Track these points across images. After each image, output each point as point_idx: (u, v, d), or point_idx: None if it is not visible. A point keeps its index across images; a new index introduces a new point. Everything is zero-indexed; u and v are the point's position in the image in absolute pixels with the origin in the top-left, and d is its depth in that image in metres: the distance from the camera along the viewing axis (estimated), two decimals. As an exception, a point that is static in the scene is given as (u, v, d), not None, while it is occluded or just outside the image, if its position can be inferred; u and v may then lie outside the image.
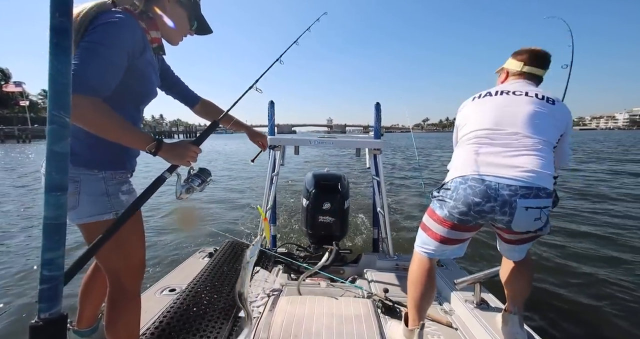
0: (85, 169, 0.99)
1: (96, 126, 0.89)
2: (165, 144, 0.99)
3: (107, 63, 0.89)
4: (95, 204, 1.01)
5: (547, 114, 1.26)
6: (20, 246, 4.03)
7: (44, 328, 0.67)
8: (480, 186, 1.14)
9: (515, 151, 1.17)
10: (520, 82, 1.41)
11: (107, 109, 0.89)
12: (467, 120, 1.40)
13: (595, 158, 15.03)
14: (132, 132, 0.94)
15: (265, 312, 1.77)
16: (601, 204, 6.20)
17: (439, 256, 1.41)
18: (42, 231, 0.64)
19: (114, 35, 0.90)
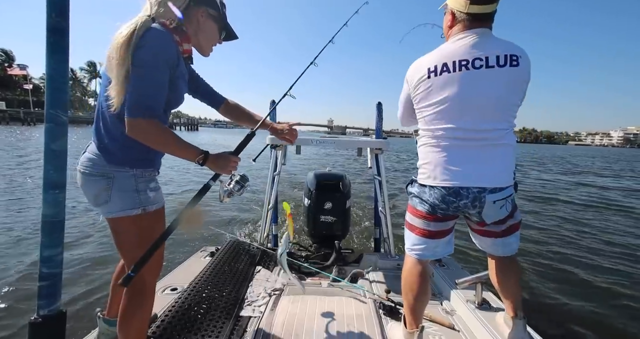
0: (118, 166, 1.05)
1: (158, 143, 1.01)
2: (211, 156, 1.09)
3: (157, 85, 0.99)
4: (125, 200, 1.06)
5: (512, 86, 1.19)
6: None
7: (43, 324, 0.68)
8: (454, 189, 1.25)
9: (484, 152, 1.22)
10: (472, 37, 1.21)
11: (165, 127, 1.01)
12: (427, 103, 1.28)
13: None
14: (185, 147, 1.05)
15: (267, 311, 1.77)
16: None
17: (430, 255, 1.39)
18: (41, 229, 0.65)
19: (159, 55, 0.99)
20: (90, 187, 1.05)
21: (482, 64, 1.17)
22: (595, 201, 8.00)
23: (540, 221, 5.79)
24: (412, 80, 1.31)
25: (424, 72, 1.25)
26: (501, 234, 1.34)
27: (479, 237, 1.41)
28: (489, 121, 1.21)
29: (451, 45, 1.25)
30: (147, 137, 0.98)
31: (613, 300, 2.94)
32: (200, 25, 1.16)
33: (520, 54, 1.18)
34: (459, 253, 3.67)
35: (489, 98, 1.19)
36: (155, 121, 0.98)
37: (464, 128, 1.21)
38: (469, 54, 1.19)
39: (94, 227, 4.61)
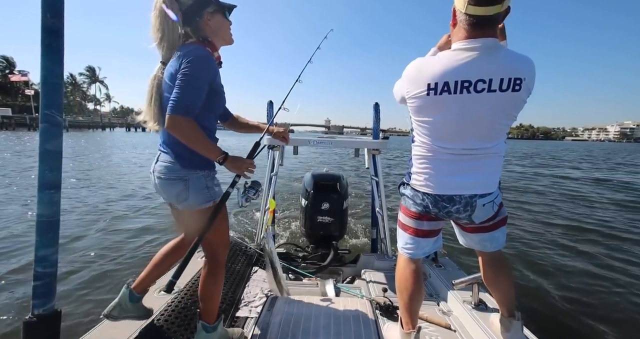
0: (191, 170, 1.26)
1: (188, 139, 1.17)
2: (230, 157, 1.26)
3: (197, 92, 1.16)
4: (199, 196, 1.27)
5: (511, 109, 1.17)
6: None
7: (38, 324, 0.68)
8: (447, 196, 1.29)
9: (477, 163, 1.25)
10: (476, 51, 1.14)
11: (196, 126, 1.17)
12: (422, 118, 1.27)
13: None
14: (210, 146, 1.22)
15: (264, 312, 1.77)
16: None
17: (421, 254, 1.43)
18: (36, 229, 0.65)
19: (200, 68, 1.16)
20: (170, 189, 1.26)
21: (484, 87, 1.13)
22: (553, 190, 9.13)
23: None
24: (410, 89, 1.26)
25: (423, 87, 1.20)
26: (489, 229, 1.36)
27: (468, 234, 1.43)
28: (483, 141, 1.21)
29: (455, 57, 1.17)
30: (181, 133, 1.15)
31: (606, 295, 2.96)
32: (213, 27, 1.29)
33: (525, 75, 1.12)
34: (456, 254, 3.68)
35: (484, 120, 1.18)
36: (189, 118, 1.14)
37: (459, 148, 1.23)
38: (472, 74, 1.13)
39: (92, 226, 4.61)
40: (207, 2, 1.27)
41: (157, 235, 4.42)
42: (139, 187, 7.84)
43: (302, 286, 2.13)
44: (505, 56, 1.14)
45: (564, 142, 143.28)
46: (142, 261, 3.44)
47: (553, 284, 3.25)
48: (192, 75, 1.14)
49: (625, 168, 17.01)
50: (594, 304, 2.88)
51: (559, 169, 15.84)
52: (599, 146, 77.92)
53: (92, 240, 4.15)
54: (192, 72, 1.14)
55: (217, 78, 1.26)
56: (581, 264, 3.76)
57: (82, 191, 7.15)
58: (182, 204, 1.29)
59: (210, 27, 1.29)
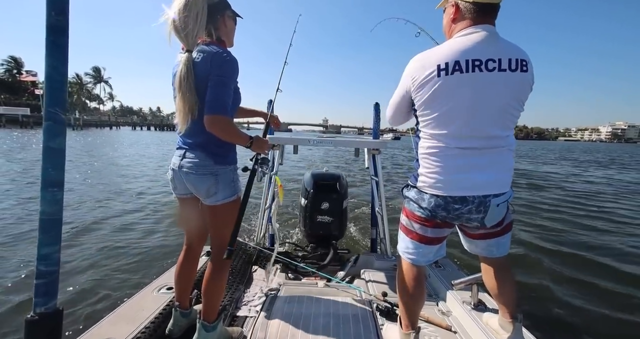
0: (223, 165, 1.37)
1: (229, 134, 1.30)
2: (254, 139, 1.40)
3: (230, 93, 1.30)
4: (227, 190, 1.38)
5: (520, 92, 1.16)
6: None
7: (40, 322, 0.68)
8: (459, 197, 1.21)
9: (490, 159, 1.19)
10: (481, 33, 1.14)
11: (233, 122, 1.32)
12: (433, 106, 1.19)
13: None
14: (243, 136, 1.35)
15: (263, 311, 1.77)
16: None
17: (423, 261, 1.36)
18: (39, 227, 0.65)
19: (233, 71, 1.30)
20: (201, 184, 1.34)
21: (495, 66, 1.11)
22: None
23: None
24: (417, 77, 1.18)
25: (433, 69, 1.13)
26: (496, 235, 1.33)
27: (474, 241, 1.39)
28: (495, 127, 1.17)
29: (461, 41, 1.15)
30: (224, 131, 1.28)
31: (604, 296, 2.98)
32: (227, 28, 1.42)
33: (528, 59, 1.15)
34: (456, 254, 3.68)
35: (498, 103, 1.15)
36: (230, 118, 1.30)
37: (471, 134, 1.17)
38: (482, 53, 1.11)
39: (94, 227, 4.60)
40: (228, 5, 1.41)
41: (158, 234, 4.41)
42: (146, 185, 7.85)
43: (301, 286, 2.13)
44: (507, 41, 1.17)
45: (553, 143, 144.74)
46: (144, 261, 3.43)
47: (553, 284, 3.26)
48: (228, 77, 1.27)
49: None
50: (594, 304, 2.89)
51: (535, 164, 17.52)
52: (584, 146, 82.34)
53: (92, 238, 4.14)
54: (228, 75, 1.27)
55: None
56: (581, 264, 3.77)
57: (82, 187, 7.13)
58: (210, 198, 1.37)
59: (226, 27, 1.42)
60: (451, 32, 1.24)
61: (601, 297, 3.03)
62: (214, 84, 1.24)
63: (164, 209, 5.61)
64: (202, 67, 1.26)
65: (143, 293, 1.80)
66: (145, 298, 1.74)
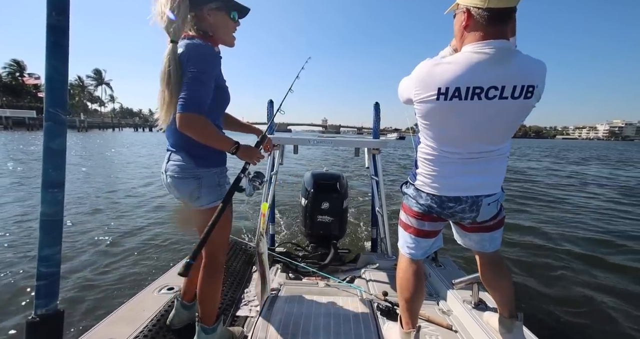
0: (205, 168, 1.28)
1: (203, 135, 1.19)
2: (241, 146, 1.28)
3: (207, 88, 1.18)
4: (212, 194, 1.30)
5: (520, 115, 1.17)
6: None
7: (41, 324, 0.68)
8: (453, 197, 1.29)
9: (485, 165, 1.25)
10: (489, 54, 1.11)
11: (208, 122, 1.18)
12: (430, 123, 1.24)
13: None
14: (223, 138, 1.25)
15: (264, 311, 1.77)
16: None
17: (421, 254, 1.43)
18: (39, 228, 0.64)
19: (207, 65, 1.18)
20: (184, 187, 1.28)
21: (496, 94, 1.10)
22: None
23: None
24: (419, 91, 1.21)
25: (434, 91, 1.15)
26: (489, 229, 1.37)
27: (468, 234, 1.43)
28: (492, 144, 1.21)
29: (467, 61, 1.12)
30: (195, 130, 1.16)
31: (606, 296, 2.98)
32: (212, 22, 1.27)
33: (538, 82, 1.10)
34: (455, 254, 3.69)
35: (494, 127, 1.17)
36: (202, 116, 1.15)
37: (467, 151, 1.22)
38: (485, 81, 1.10)
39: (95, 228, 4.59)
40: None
41: (160, 232, 4.41)
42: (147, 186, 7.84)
43: (302, 286, 2.13)
44: (520, 62, 1.11)
45: (550, 141, 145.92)
46: (144, 261, 3.43)
47: (552, 283, 3.26)
48: (202, 72, 1.15)
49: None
50: (594, 304, 2.89)
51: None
52: (578, 144, 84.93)
53: (92, 237, 4.14)
54: (199, 69, 1.15)
55: (221, 74, 1.28)
56: (581, 264, 3.78)
57: (84, 187, 7.12)
58: (195, 202, 1.31)
59: (209, 21, 1.27)
60: (462, 40, 1.21)
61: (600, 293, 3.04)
62: (188, 79, 1.14)
63: (165, 210, 5.61)
64: (182, 62, 1.18)
65: (144, 293, 1.80)
66: (146, 299, 1.74)
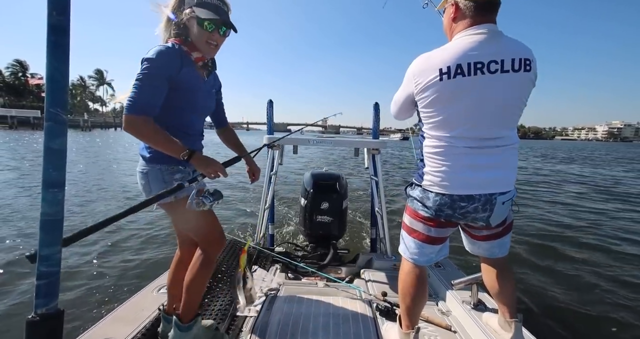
0: (150, 164, 1.27)
1: (145, 137, 1.18)
2: (196, 154, 1.21)
3: (153, 88, 1.16)
4: (158, 190, 1.20)
5: (523, 91, 1.16)
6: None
7: (41, 323, 0.68)
8: (465, 195, 1.21)
9: (496, 157, 1.19)
10: (483, 34, 1.13)
11: (153, 124, 1.16)
12: (436, 108, 1.20)
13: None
14: (171, 143, 1.19)
15: (263, 311, 1.77)
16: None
17: (425, 261, 1.36)
18: (39, 227, 0.64)
19: (155, 65, 1.16)
20: (139, 182, 1.30)
21: (497, 68, 1.10)
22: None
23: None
24: (420, 80, 1.19)
25: (435, 73, 1.14)
26: (499, 235, 1.33)
27: (477, 242, 1.39)
28: (501, 127, 1.18)
29: (462, 42, 1.14)
30: (136, 132, 1.14)
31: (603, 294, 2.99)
32: (189, 28, 1.27)
33: (532, 57, 1.14)
34: (455, 254, 3.69)
35: (502, 104, 1.15)
36: (145, 117, 1.14)
37: (477, 136, 1.17)
38: (484, 56, 1.11)
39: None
40: (186, 3, 1.25)
41: (162, 235, 4.41)
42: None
43: (301, 286, 2.13)
44: (511, 40, 1.15)
45: (548, 142, 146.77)
46: (144, 262, 3.43)
47: (552, 283, 3.26)
48: (147, 71, 1.14)
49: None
50: (594, 304, 2.89)
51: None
52: (573, 145, 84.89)
53: (92, 237, 4.13)
54: (147, 68, 1.14)
55: (179, 74, 1.22)
56: (581, 263, 3.78)
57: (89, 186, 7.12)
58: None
59: (187, 26, 1.27)
60: (452, 32, 1.23)
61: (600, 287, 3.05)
62: (134, 81, 1.14)
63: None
64: None
65: (143, 293, 1.80)
66: (145, 298, 1.74)
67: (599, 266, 3.70)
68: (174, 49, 1.22)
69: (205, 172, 1.23)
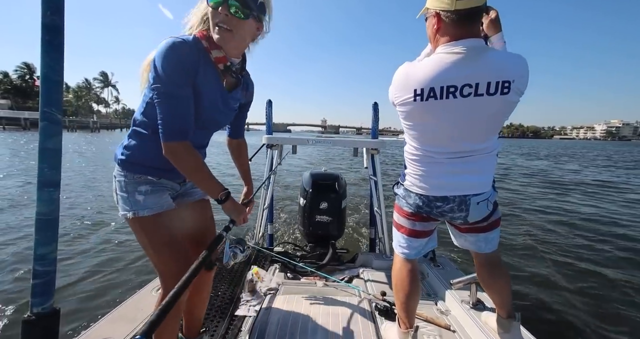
0: (118, 167, 1.10)
1: (184, 168, 1.02)
2: (231, 199, 1.11)
3: (180, 107, 0.97)
4: (119, 201, 1.10)
5: (501, 111, 1.15)
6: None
7: (37, 323, 0.68)
8: (440, 196, 1.29)
9: (471, 165, 1.24)
10: (461, 53, 1.11)
11: (195, 157, 1.02)
12: (411, 124, 1.25)
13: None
14: (210, 180, 1.05)
15: (262, 311, 1.77)
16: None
17: (414, 254, 1.43)
18: (35, 227, 0.65)
19: (174, 77, 0.95)
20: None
21: (470, 91, 1.10)
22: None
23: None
24: (398, 95, 1.24)
25: (410, 94, 1.18)
26: (484, 229, 1.36)
27: (463, 235, 1.42)
28: (476, 142, 1.20)
29: (440, 62, 1.14)
30: (180, 163, 1.01)
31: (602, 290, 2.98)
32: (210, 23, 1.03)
33: (514, 76, 1.08)
34: (455, 254, 3.69)
35: (477, 124, 1.17)
36: (186, 143, 0.99)
37: (451, 151, 1.22)
38: (458, 78, 1.10)
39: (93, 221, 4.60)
40: None
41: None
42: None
43: (300, 286, 2.13)
44: (493, 58, 1.11)
45: (545, 141, 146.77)
46: (142, 258, 3.43)
47: (552, 283, 3.26)
48: (168, 88, 0.94)
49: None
50: (594, 304, 2.89)
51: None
52: (568, 144, 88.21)
53: (92, 236, 4.14)
54: (166, 84, 0.94)
55: (197, 77, 1.01)
56: (581, 263, 3.77)
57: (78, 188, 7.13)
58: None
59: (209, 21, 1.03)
60: (436, 42, 1.22)
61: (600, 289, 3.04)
62: (155, 95, 0.95)
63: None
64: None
65: (142, 292, 1.80)
66: (144, 298, 1.74)
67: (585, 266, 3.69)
68: (189, 44, 0.98)
69: (237, 219, 1.15)
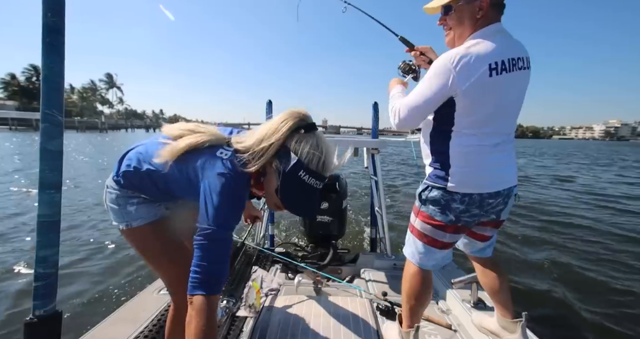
0: (113, 183, 1.09)
1: (199, 326, 0.82)
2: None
3: (226, 262, 0.94)
4: (112, 211, 1.11)
5: (526, 89, 1.23)
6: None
7: (39, 325, 0.68)
8: (495, 192, 1.22)
9: (510, 155, 1.26)
10: (503, 31, 1.16)
11: (215, 313, 0.90)
12: (480, 104, 1.13)
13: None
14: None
15: (263, 311, 1.77)
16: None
17: (432, 266, 1.34)
18: (37, 229, 0.64)
19: (229, 233, 0.93)
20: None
21: (522, 65, 1.14)
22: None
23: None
24: (467, 74, 1.08)
25: (485, 67, 1.07)
26: (494, 230, 1.37)
27: (476, 242, 1.40)
28: (513, 124, 1.25)
29: (496, 40, 1.10)
30: (201, 317, 0.82)
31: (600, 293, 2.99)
32: (266, 175, 1.04)
33: (528, 55, 1.19)
34: (454, 254, 3.69)
35: (518, 101, 1.21)
36: (215, 298, 0.89)
37: (504, 132, 1.21)
38: (514, 52, 1.12)
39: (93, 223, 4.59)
40: (287, 158, 0.98)
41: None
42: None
43: (301, 286, 2.13)
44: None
45: (545, 141, 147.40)
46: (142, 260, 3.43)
47: (552, 283, 3.26)
48: (222, 241, 0.93)
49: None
50: (595, 304, 2.89)
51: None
52: (564, 144, 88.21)
53: (91, 236, 4.14)
54: (222, 236, 0.93)
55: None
56: (581, 263, 3.78)
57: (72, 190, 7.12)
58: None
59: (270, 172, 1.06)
60: (473, 28, 1.16)
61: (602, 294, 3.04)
62: (203, 239, 0.88)
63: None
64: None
65: (144, 294, 1.80)
66: (146, 299, 1.74)
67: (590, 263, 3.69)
68: (245, 191, 1.03)
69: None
